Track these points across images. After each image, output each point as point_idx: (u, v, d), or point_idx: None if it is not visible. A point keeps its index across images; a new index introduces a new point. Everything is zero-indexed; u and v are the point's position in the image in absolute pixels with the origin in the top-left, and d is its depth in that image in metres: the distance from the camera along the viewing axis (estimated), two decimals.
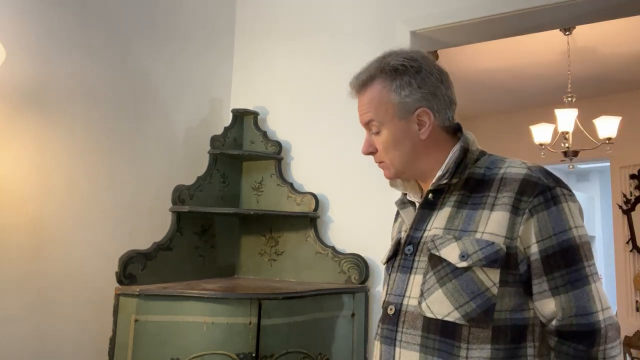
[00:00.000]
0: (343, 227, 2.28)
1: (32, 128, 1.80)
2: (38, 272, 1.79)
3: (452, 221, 1.01)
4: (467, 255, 0.95)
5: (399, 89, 1.05)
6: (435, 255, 0.99)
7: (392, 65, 1.05)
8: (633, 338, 4.40)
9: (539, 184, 0.96)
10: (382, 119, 1.07)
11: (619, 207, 4.92)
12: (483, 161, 1.06)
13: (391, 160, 1.09)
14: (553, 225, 0.94)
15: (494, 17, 2.07)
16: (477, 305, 0.93)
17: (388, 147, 1.08)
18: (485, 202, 0.99)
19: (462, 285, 0.95)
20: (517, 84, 4.71)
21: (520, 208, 0.95)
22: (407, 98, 1.05)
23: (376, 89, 1.07)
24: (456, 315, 0.94)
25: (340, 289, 2.03)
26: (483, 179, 1.02)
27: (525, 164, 1.01)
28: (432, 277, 0.98)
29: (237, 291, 1.83)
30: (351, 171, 2.28)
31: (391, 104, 1.06)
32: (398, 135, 1.07)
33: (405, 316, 1.01)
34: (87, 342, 1.92)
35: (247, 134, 2.48)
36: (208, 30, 2.58)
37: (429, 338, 0.96)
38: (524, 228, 0.94)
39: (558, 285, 0.93)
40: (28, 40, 1.79)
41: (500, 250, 0.94)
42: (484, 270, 0.94)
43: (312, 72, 2.47)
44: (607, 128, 3.68)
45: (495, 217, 0.96)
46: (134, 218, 2.13)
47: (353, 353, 2.01)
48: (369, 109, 1.08)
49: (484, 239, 0.95)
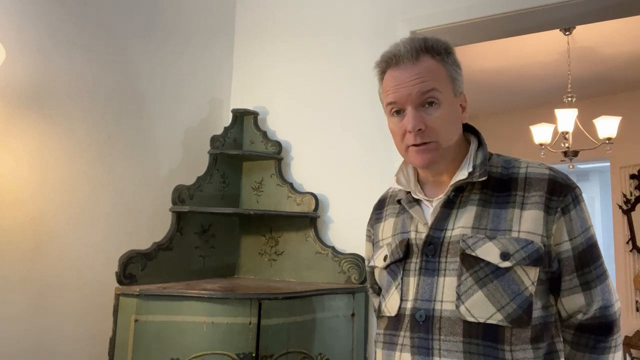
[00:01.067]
0: (343, 227, 2.28)
1: (32, 128, 1.80)
2: (38, 272, 1.79)
3: (479, 220, 0.98)
4: (509, 255, 0.93)
5: (454, 65, 1.03)
6: (470, 255, 0.95)
7: (441, 44, 1.02)
8: (633, 338, 4.40)
9: (565, 184, 0.99)
10: (444, 90, 1.00)
11: (619, 207, 4.92)
12: (495, 161, 1.06)
13: (444, 138, 0.99)
14: (581, 223, 0.98)
15: (493, 17, 2.06)
16: (518, 305, 0.93)
17: (445, 122, 0.99)
18: (513, 201, 0.98)
19: (504, 285, 0.93)
20: (517, 84, 4.71)
21: (552, 207, 0.96)
22: (459, 77, 1.03)
23: (431, 61, 1.00)
24: (499, 317, 0.92)
25: (340, 289, 2.03)
26: (502, 178, 1.02)
27: (543, 164, 1.03)
28: (469, 279, 0.94)
29: (237, 291, 1.83)
30: (351, 171, 2.28)
31: (450, 77, 1.01)
32: (454, 112, 1.02)
33: (441, 322, 0.94)
34: (87, 342, 1.92)
35: (247, 134, 2.48)
36: (208, 30, 2.58)
37: (472, 343, 0.92)
38: (557, 226, 0.96)
39: (589, 280, 0.97)
40: (28, 40, 1.79)
41: (539, 248, 0.94)
42: (524, 270, 0.94)
43: (312, 72, 2.47)
44: (607, 128, 3.68)
45: (528, 215, 0.96)
46: (134, 218, 2.13)
47: (353, 353, 2.01)
48: (430, 77, 0.99)
49: (522, 237, 0.95)
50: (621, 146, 4.45)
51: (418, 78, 0.98)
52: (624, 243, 4.87)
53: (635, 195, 4.82)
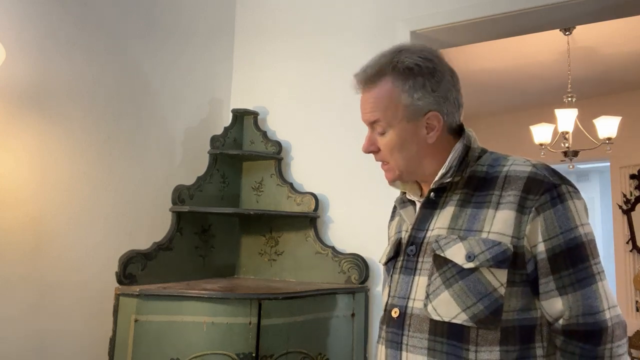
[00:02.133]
0: (343, 227, 2.28)
1: (32, 128, 1.80)
2: (38, 272, 1.79)
3: (456, 220, 0.99)
4: (474, 256, 0.93)
5: (411, 90, 1.00)
6: (440, 256, 0.97)
7: (406, 64, 0.99)
8: (633, 338, 4.40)
9: (544, 181, 0.94)
10: (390, 120, 1.01)
11: (619, 207, 4.92)
12: (485, 159, 1.04)
13: (396, 162, 1.04)
14: (560, 223, 0.93)
15: (493, 17, 2.07)
16: (485, 306, 0.92)
17: (393, 149, 1.03)
18: (489, 200, 0.97)
19: (469, 286, 0.93)
20: (517, 84, 4.71)
21: (527, 206, 0.93)
22: (419, 101, 1.00)
23: (386, 87, 1.01)
24: (464, 317, 0.92)
25: (340, 289, 2.03)
26: (486, 177, 1.00)
27: (529, 162, 0.99)
28: (437, 279, 0.96)
29: (237, 291, 1.82)
30: (351, 171, 2.28)
31: (401, 105, 1.00)
32: (405, 137, 1.02)
33: (411, 319, 0.98)
34: (87, 342, 1.92)
35: (247, 134, 2.48)
36: (208, 30, 2.58)
37: (437, 341, 0.94)
38: (530, 227, 0.93)
39: (565, 285, 0.92)
40: (28, 40, 1.79)
41: (507, 250, 0.92)
42: (491, 271, 0.92)
43: (312, 72, 2.47)
44: (607, 128, 3.68)
45: (501, 216, 0.94)
46: (134, 218, 2.13)
47: (353, 353, 2.01)
48: (376, 107, 1.02)
49: (491, 238, 0.93)
50: (621, 146, 4.45)
51: (365, 107, 1.04)
52: (624, 243, 4.87)
53: (635, 195, 4.82)
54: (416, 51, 1.02)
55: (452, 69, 1.05)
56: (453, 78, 1.04)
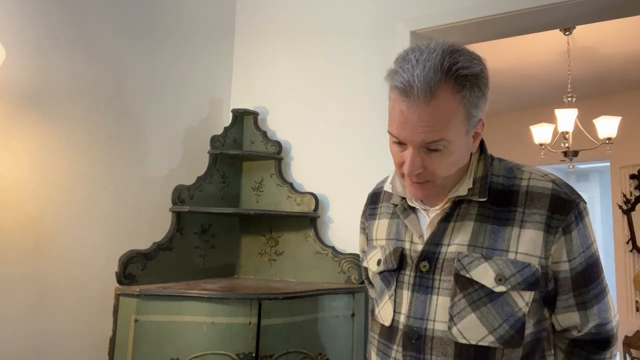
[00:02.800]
0: (343, 227, 2.28)
1: (32, 128, 1.80)
2: (38, 272, 1.79)
3: (476, 237, 0.93)
4: (505, 279, 0.90)
5: (477, 97, 0.88)
6: (464, 277, 0.92)
7: (468, 69, 0.86)
8: (633, 338, 4.40)
9: (567, 200, 0.93)
10: (453, 137, 0.87)
11: (619, 207, 4.92)
12: (498, 168, 0.99)
13: (443, 178, 0.92)
14: (581, 242, 0.94)
15: (494, 17, 2.06)
16: (510, 326, 0.91)
17: (448, 166, 0.91)
18: (513, 218, 0.93)
19: (498, 309, 0.91)
20: (517, 84, 4.71)
21: (552, 226, 0.91)
22: (479, 112, 0.90)
23: (447, 99, 0.85)
24: (490, 339, 0.90)
25: (340, 289, 2.03)
26: (503, 190, 0.96)
27: (547, 176, 0.96)
28: (462, 300, 0.92)
29: (237, 291, 1.82)
30: (351, 171, 2.28)
31: (466, 117, 0.88)
32: (462, 150, 0.92)
33: (433, 342, 0.93)
34: (87, 342, 1.92)
35: (247, 134, 2.48)
36: (208, 31, 2.58)
37: None
38: (556, 247, 0.92)
39: (585, 301, 0.95)
40: (28, 40, 1.79)
41: (536, 272, 0.91)
42: (519, 293, 0.91)
43: (312, 72, 2.47)
44: (607, 128, 3.68)
45: (527, 235, 0.91)
46: (134, 218, 2.13)
47: (353, 353, 2.01)
48: (440, 124, 0.86)
49: (519, 259, 0.91)
50: (621, 146, 4.45)
51: (426, 125, 0.85)
52: (624, 243, 4.87)
53: (635, 195, 4.82)
54: (466, 53, 0.89)
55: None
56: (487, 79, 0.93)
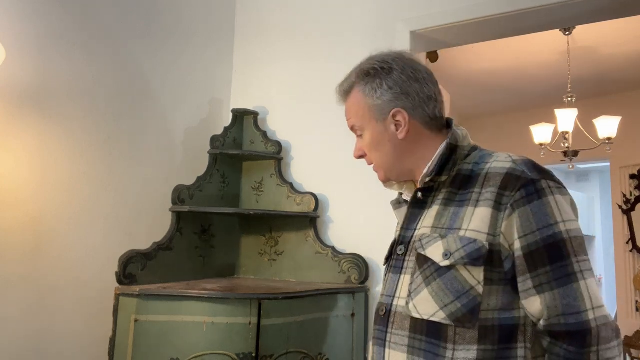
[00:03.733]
0: (343, 227, 2.28)
1: (31, 128, 1.80)
2: (38, 272, 1.79)
3: (440, 219, 0.99)
4: (450, 254, 0.93)
5: (372, 92, 1.08)
6: (421, 254, 0.98)
7: (364, 69, 1.08)
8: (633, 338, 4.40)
9: (522, 177, 0.92)
10: (362, 123, 1.10)
11: (619, 207, 4.92)
12: (472, 157, 1.04)
13: (376, 162, 1.12)
14: (537, 220, 0.90)
15: (494, 17, 2.07)
16: (462, 304, 0.91)
17: (371, 149, 1.11)
18: (470, 198, 0.97)
19: (447, 284, 0.93)
20: (517, 84, 4.71)
21: (502, 203, 0.92)
22: (378, 100, 1.07)
23: (354, 94, 1.11)
24: (441, 315, 0.92)
25: (340, 289, 2.03)
26: (471, 175, 1.00)
27: (510, 157, 0.98)
28: (419, 277, 0.97)
29: (237, 291, 1.83)
30: (351, 171, 2.28)
31: (367, 107, 1.08)
32: (377, 137, 1.09)
33: (395, 317, 1.00)
34: (87, 342, 1.92)
35: (247, 134, 2.48)
36: (208, 30, 2.58)
37: (416, 339, 0.96)
38: (506, 224, 0.91)
39: (542, 283, 0.89)
40: (28, 40, 1.79)
41: (482, 247, 0.91)
42: (467, 269, 0.92)
43: (312, 72, 2.47)
44: (607, 128, 3.68)
45: (478, 213, 0.94)
46: (134, 218, 2.13)
47: (353, 353, 2.01)
48: (351, 114, 1.12)
49: (467, 236, 0.93)
50: (621, 146, 4.45)
51: (346, 116, 1.14)
52: (624, 243, 4.87)
53: (635, 195, 4.82)
54: (377, 56, 1.09)
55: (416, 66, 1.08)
56: (416, 73, 1.06)
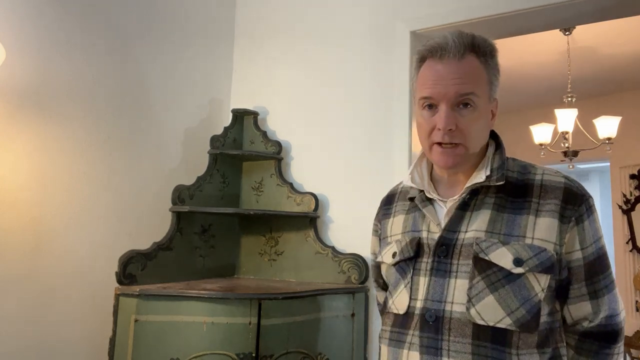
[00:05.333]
0: (343, 227, 2.28)
1: (31, 128, 1.80)
2: (38, 272, 1.79)
3: (493, 224, 0.98)
4: (523, 261, 0.94)
5: (495, 70, 1.03)
6: (483, 259, 0.96)
7: (488, 45, 1.02)
8: (633, 338, 4.40)
9: (580, 194, 1.00)
10: (481, 95, 0.99)
11: (618, 207, 4.92)
12: (512, 165, 1.07)
13: (472, 142, 1.00)
14: (593, 233, 0.99)
15: (493, 17, 2.06)
16: (527, 310, 0.94)
17: (477, 127, 1.00)
18: (528, 207, 0.99)
19: (515, 291, 0.94)
20: (517, 84, 4.71)
21: (566, 216, 0.97)
22: (496, 82, 1.03)
23: (477, 63, 1.00)
24: (508, 322, 0.93)
25: (340, 289, 2.03)
26: (517, 184, 1.02)
27: (559, 173, 1.04)
28: (480, 282, 0.95)
29: (237, 291, 1.82)
30: (351, 171, 2.28)
31: (488, 82, 1.01)
32: (486, 117, 1.03)
33: (451, 323, 0.95)
34: (87, 342, 1.92)
35: (247, 134, 2.48)
36: (208, 31, 2.58)
37: (481, 346, 0.94)
38: (569, 235, 0.97)
39: (597, 290, 0.99)
40: (28, 40, 1.79)
41: (552, 256, 0.96)
42: (536, 276, 0.95)
43: (312, 72, 2.46)
44: (607, 128, 3.68)
45: (542, 223, 0.97)
46: (134, 218, 2.13)
47: (353, 353, 2.01)
48: (472, 79, 0.98)
49: (536, 244, 0.96)
50: (621, 146, 4.45)
51: (459, 78, 0.97)
52: (624, 243, 4.87)
53: (635, 195, 4.82)
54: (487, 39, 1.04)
55: None
56: None
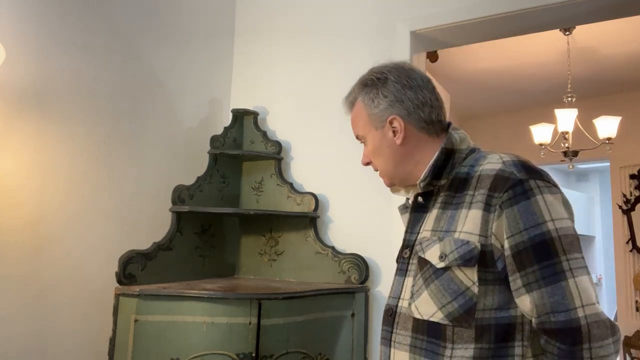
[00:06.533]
0: (343, 227, 2.28)
1: (32, 128, 1.80)
2: (38, 272, 1.79)
3: (438, 222, 1.03)
4: (445, 256, 0.97)
5: (370, 101, 1.14)
6: (421, 257, 1.02)
7: (364, 80, 1.15)
8: (633, 338, 4.40)
9: (510, 178, 0.95)
10: (364, 131, 1.16)
11: (618, 207, 4.92)
12: (469, 159, 1.07)
13: (380, 167, 1.16)
14: (524, 219, 0.92)
15: (494, 17, 2.07)
16: (459, 305, 0.95)
17: (374, 156, 1.16)
18: (464, 201, 1.00)
19: (444, 285, 0.97)
20: (517, 84, 4.71)
21: (492, 204, 0.95)
22: (375, 109, 1.12)
23: (357, 106, 1.17)
24: (440, 316, 0.97)
25: (340, 289, 2.03)
26: (467, 178, 1.03)
27: (501, 159, 1.00)
28: (419, 279, 1.02)
29: (237, 291, 1.83)
30: (351, 171, 2.28)
31: (367, 116, 1.14)
32: (377, 144, 1.14)
33: (399, 317, 1.04)
34: (87, 342, 1.92)
35: (247, 134, 2.48)
36: (208, 30, 2.58)
37: (417, 338, 1.00)
38: (496, 225, 0.94)
39: (530, 282, 0.91)
40: (28, 40, 1.79)
41: (474, 248, 0.95)
42: (461, 270, 0.96)
43: (312, 72, 2.47)
44: (607, 128, 3.68)
45: (471, 215, 0.97)
46: (134, 218, 2.13)
47: (353, 353, 2.01)
48: (355, 124, 1.19)
49: (460, 238, 0.97)
50: (621, 146, 4.45)
51: (352, 127, 1.21)
52: (624, 243, 4.87)
53: (635, 195, 4.81)
54: (376, 68, 1.16)
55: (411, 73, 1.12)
56: (410, 81, 1.10)
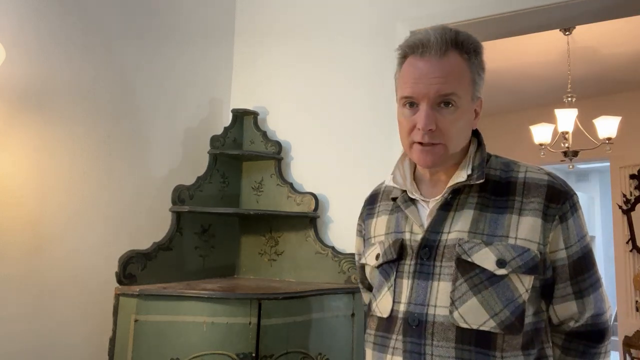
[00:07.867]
0: (343, 227, 2.28)
1: (31, 128, 1.79)
2: (38, 272, 1.79)
3: (476, 224, 0.96)
4: (506, 262, 0.92)
5: (479, 68, 0.99)
6: (466, 261, 0.94)
7: (472, 42, 0.98)
8: (633, 338, 4.40)
9: (564, 191, 0.98)
10: (463, 95, 0.96)
11: (618, 207, 4.92)
12: (494, 162, 1.04)
13: (453, 142, 0.97)
14: (577, 232, 0.97)
15: (494, 17, 2.06)
16: (511, 312, 0.92)
17: (457, 127, 0.96)
18: (511, 206, 0.96)
19: (499, 292, 0.92)
20: (517, 84, 4.71)
21: (549, 214, 0.95)
22: (481, 81, 0.99)
23: (458, 60, 0.95)
24: (492, 324, 0.91)
25: (340, 289, 2.03)
26: (501, 182, 1.00)
27: (542, 170, 1.02)
28: (463, 285, 0.93)
29: (237, 291, 1.82)
30: (351, 171, 2.28)
31: (471, 81, 0.97)
32: (468, 117, 0.99)
33: (434, 327, 0.93)
34: (87, 342, 1.92)
35: (247, 134, 2.48)
36: (208, 31, 2.58)
37: (464, 349, 0.91)
38: (553, 234, 0.95)
39: (582, 289, 0.97)
40: (28, 40, 1.79)
41: (535, 256, 0.93)
42: (519, 277, 0.93)
43: (312, 72, 2.47)
44: (607, 128, 3.68)
45: (526, 222, 0.94)
46: (134, 218, 2.13)
47: (353, 353, 2.01)
48: (452, 79, 0.94)
49: (519, 244, 0.93)
50: (621, 146, 4.45)
51: (441, 77, 0.93)
52: (624, 243, 4.87)
53: (635, 195, 4.81)
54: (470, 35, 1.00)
55: None
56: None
